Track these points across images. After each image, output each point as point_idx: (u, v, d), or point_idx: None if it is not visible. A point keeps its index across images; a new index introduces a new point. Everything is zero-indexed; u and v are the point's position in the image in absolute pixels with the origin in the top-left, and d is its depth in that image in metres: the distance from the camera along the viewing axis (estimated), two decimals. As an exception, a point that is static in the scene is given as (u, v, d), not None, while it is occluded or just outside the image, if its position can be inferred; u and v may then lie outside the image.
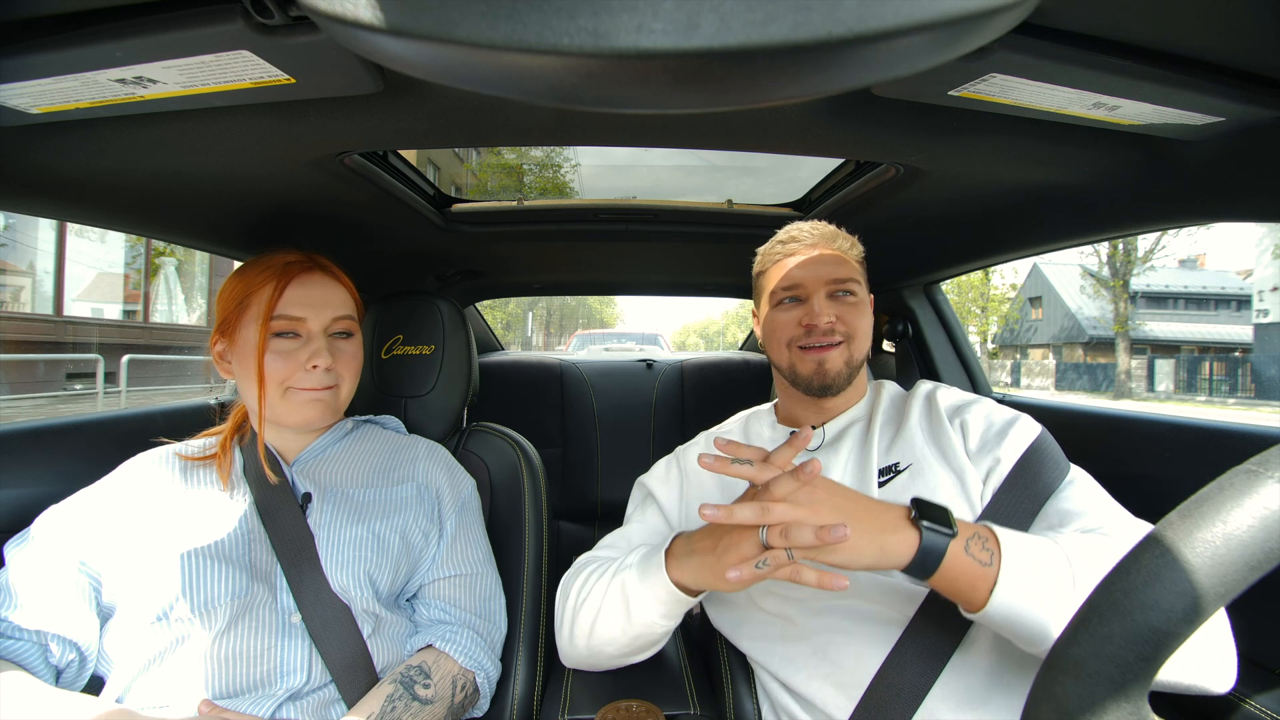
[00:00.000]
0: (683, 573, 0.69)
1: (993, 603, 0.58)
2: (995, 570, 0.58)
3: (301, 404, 0.79)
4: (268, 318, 0.76)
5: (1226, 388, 18.67)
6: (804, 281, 0.85)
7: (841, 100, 0.62)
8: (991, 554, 0.59)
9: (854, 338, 0.84)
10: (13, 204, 0.78)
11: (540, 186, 2.07)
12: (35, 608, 0.66)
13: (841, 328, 0.83)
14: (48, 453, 0.89)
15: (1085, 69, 0.50)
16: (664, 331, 12.93)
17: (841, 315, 0.83)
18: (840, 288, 0.85)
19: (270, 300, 0.77)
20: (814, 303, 0.84)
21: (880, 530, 0.60)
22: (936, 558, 0.58)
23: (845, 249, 0.87)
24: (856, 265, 0.87)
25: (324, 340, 0.80)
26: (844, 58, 0.23)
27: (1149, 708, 0.30)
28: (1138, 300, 23.81)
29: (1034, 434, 0.76)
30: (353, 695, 0.72)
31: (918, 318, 1.59)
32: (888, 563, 0.60)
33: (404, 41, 0.23)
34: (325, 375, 0.79)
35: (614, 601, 0.74)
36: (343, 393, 0.84)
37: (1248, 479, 0.31)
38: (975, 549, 0.59)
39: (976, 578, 0.58)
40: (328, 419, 0.83)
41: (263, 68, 0.49)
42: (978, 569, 0.58)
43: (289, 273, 0.79)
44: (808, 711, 0.76)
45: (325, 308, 0.80)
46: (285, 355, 0.78)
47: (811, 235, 0.88)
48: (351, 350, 0.84)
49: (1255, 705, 0.71)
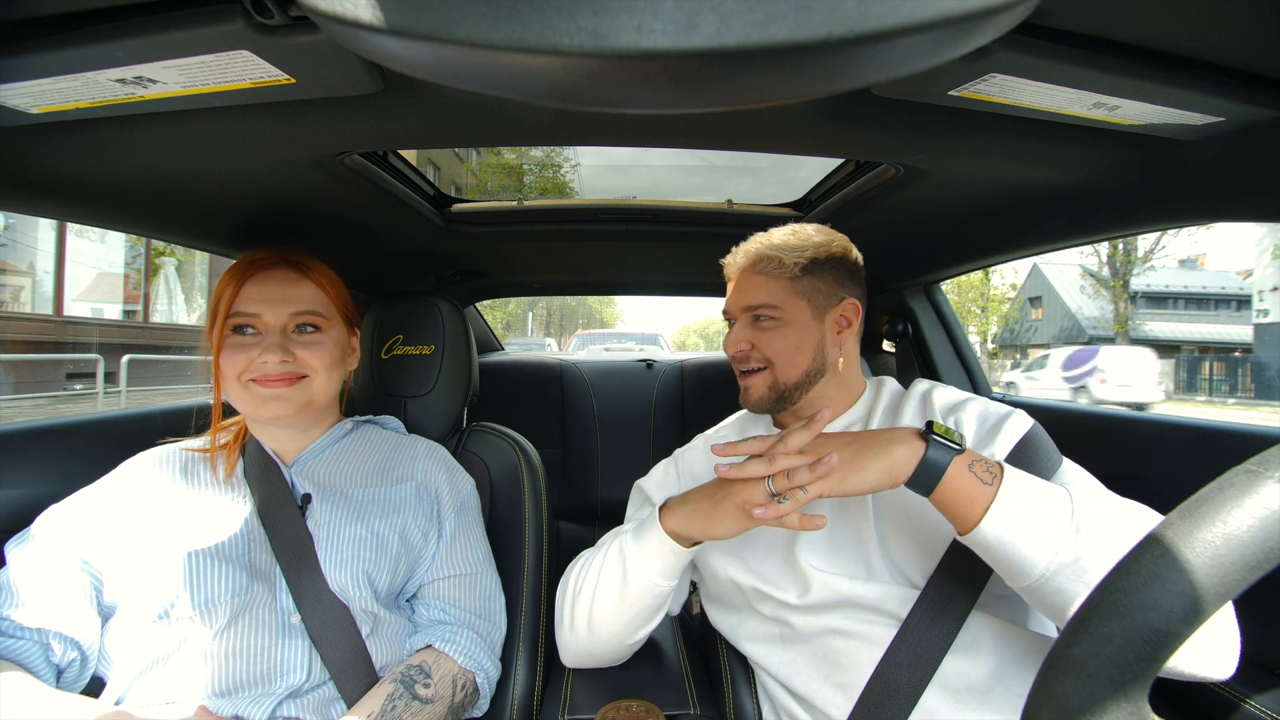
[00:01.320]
0: (676, 521, 0.74)
1: (986, 521, 0.60)
2: (994, 490, 0.60)
3: (265, 399, 0.78)
4: (225, 315, 0.77)
5: (1226, 388, 18.66)
6: (729, 307, 0.88)
7: (841, 100, 0.62)
8: (994, 476, 0.61)
9: (775, 363, 0.82)
10: (13, 204, 0.78)
11: (540, 186, 2.07)
12: (36, 606, 0.66)
13: (757, 354, 0.83)
14: (48, 453, 0.89)
15: (1085, 69, 0.50)
16: (664, 331, 12.94)
17: (759, 342, 0.82)
18: (757, 313, 0.83)
19: (229, 299, 0.77)
20: (733, 330, 0.86)
21: (887, 444, 0.65)
22: (939, 470, 0.62)
23: (770, 269, 0.82)
24: (786, 284, 0.81)
25: (279, 336, 0.78)
26: (844, 58, 0.23)
27: (1149, 708, 0.31)
28: (1138, 300, 23.79)
29: (1026, 427, 0.76)
30: (352, 694, 0.72)
31: (918, 318, 1.59)
32: (896, 473, 0.64)
33: (404, 41, 0.23)
34: (283, 367, 0.77)
35: (612, 567, 0.77)
36: (315, 387, 0.81)
37: (1248, 479, 0.31)
38: (979, 469, 0.62)
39: (975, 495, 0.61)
40: (304, 412, 0.81)
41: (263, 68, 0.49)
42: (978, 486, 0.61)
43: (248, 272, 0.79)
44: (808, 711, 0.76)
45: (283, 304, 0.79)
46: (239, 349, 0.77)
47: (742, 256, 0.86)
48: (322, 341, 0.81)
49: (1255, 705, 0.71)
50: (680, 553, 0.74)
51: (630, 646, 0.84)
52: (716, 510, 0.70)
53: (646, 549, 0.75)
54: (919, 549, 0.74)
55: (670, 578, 0.76)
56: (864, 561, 0.76)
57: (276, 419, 0.80)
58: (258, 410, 0.79)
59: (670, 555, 0.74)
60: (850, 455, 0.65)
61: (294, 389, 0.79)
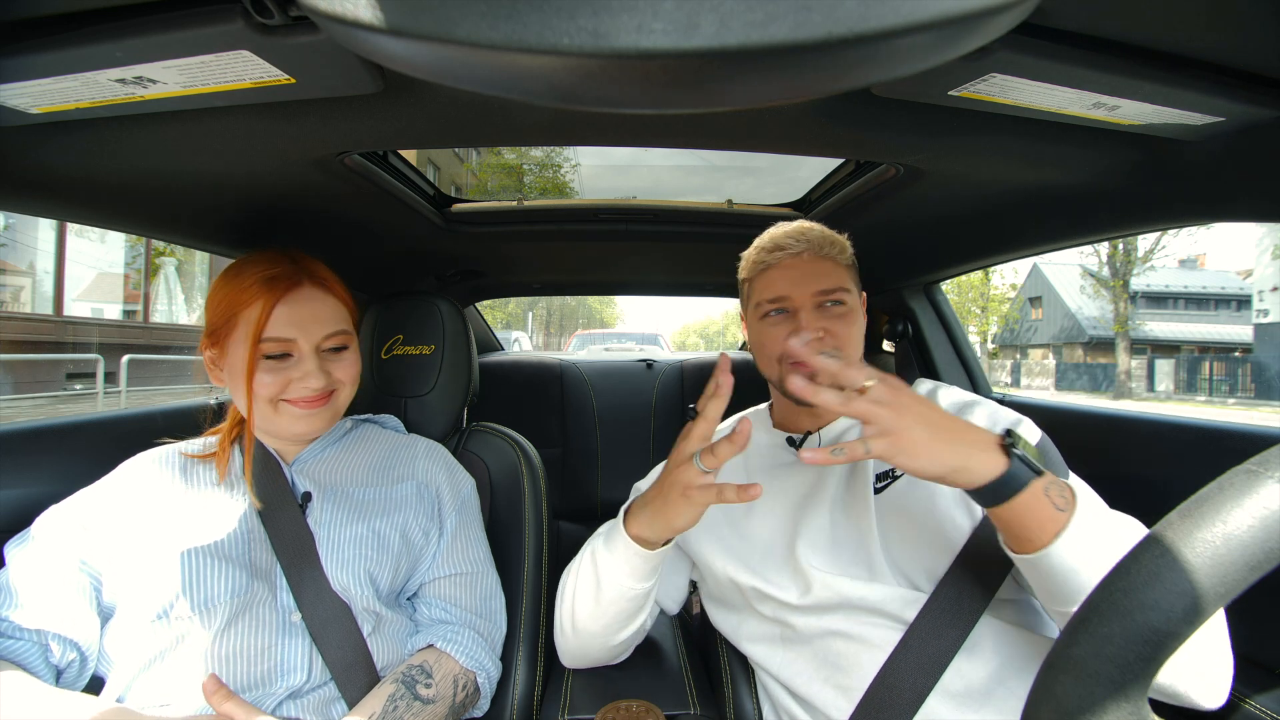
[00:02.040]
0: (639, 526, 0.73)
1: (1054, 547, 0.58)
2: (1068, 517, 0.58)
3: (295, 418, 0.78)
4: (256, 339, 0.74)
5: (1226, 388, 18.65)
6: (790, 294, 0.81)
7: (841, 100, 0.62)
8: (1068, 502, 0.59)
9: (844, 349, 0.80)
10: (13, 204, 0.78)
11: (540, 186, 2.07)
12: (36, 607, 0.66)
13: (831, 341, 0.79)
14: (48, 453, 0.89)
15: (1085, 69, 0.50)
16: (664, 331, 12.93)
17: (830, 328, 0.80)
18: (828, 298, 0.81)
19: (259, 321, 0.74)
20: (802, 317, 0.80)
21: (967, 444, 0.60)
22: (1016, 488, 0.58)
23: (835, 254, 0.83)
24: (846, 270, 0.83)
25: (315, 360, 0.78)
26: (844, 58, 0.23)
27: (1149, 708, 0.30)
28: (1138, 300, 23.79)
29: (1035, 437, 0.76)
30: (353, 694, 0.72)
31: (918, 318, 1.59)
32: (965, 477, 0.59)
33: (404, 41, 0.23)
34: (316, 390, 0.78)
35: (586, 572, 0.78)
36: (341, 398, 0.83)
37: (1248, 479, 0.31)
38: (1054, 494, 0.59)
39: (1047, 519, 0.58)
40: (329, 425, 0.83)
41: (263, 68, 0.49)
42: (1052, 511, 0.58)
43: (276, 290, 0.76)
44: (808, 712, 0.76)
45: (315, 324, 0.78)
46: (275, 373, 0.76)
47: (798, 243, 0.82)
48: (349, 359, 0.83)
49: (1255, 705, 0.71)
50: (646, 556, 0.73)
51: (620, 645, 0.84)
52: (667, 505, 0.69)
53: (615, 554, 0.74)
54: (923, 550, 0.74)
55: (642, 580, 0.75)
56: (866, 562, 0.76)
57: (302, 435, 0.81)
58: (287, 428, 0.79)
59: (637, 559, 0.73)
60: (926, 434, 0.59)
61: (325, 406, 0.80)
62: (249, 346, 0.75)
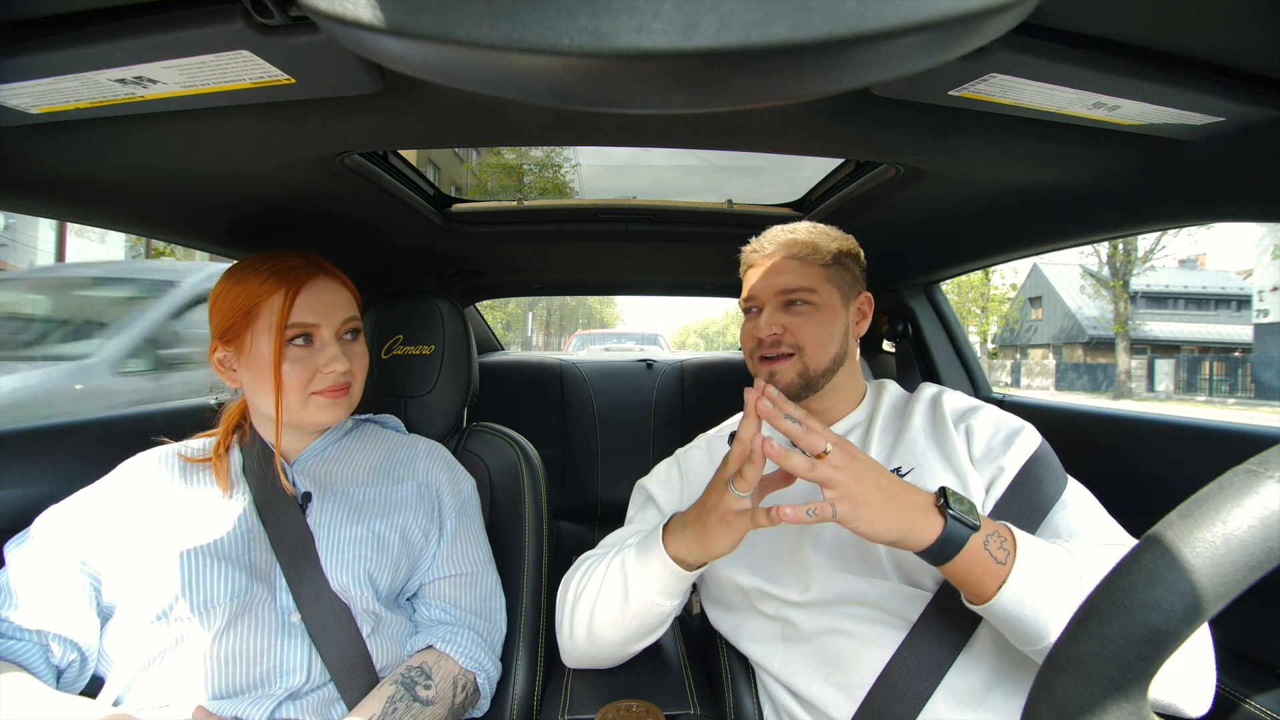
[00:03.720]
0: (678, 546, 0.72)
1: (998, 598, 0.59)
2: (1008, 569, 0.60)
3: (322, 407, 0.80)
4: (281, 327, 0.76)
5: (1226, 388, 18.66)
6: (757, 293, 0.86)
7: (841, 100, 0.62)
8: (1008, 554, 0.60)
9: (805, 349, 0.82)
10: (13, 204, 0.78)
11: (540, 186, 2.07)
12: (35, 608, 0.66)
13: (790, 339, 0.82)
14: (48, 453, 0.89)
15: (1085, 69, 0.50)
16: (664, 331, 12.93)
17: (791, 326, 0.82)
18: (791, 298, 0.83)
19: (283, 310, 0.76)
20: (764, 314, 0.84)
21: (911, 507, 0.62)
22: (955, 547, 0.60)
23: (805, 255, 0.84)
24: (819, 270, 0.84)
25: (337, 344, 0.80)
26: (844, 58, 0.23)
27: (1149, 708, 0.30)
28: (1138, 300, 23.79)
29: (1036, 444, 0.76)
30: (352, 695, 0.72)
31: (918, 318, 1.59)
32: (909, 543, 0.61)
33: (404, 41, 0.23)
34: (342, 376, 0.80)
35: (613, 581, 0.76)
36: (354, 391, 0.84)
37: (1248, 479, 0.31)
38: (993, 546, 0.61)
39: (988, 573, 0.60)
40: (346, 415, 0.84)
41: (263, 68, 0.49)
42: (992, 565, 0.60)
43: (297, 280, 0.78)
44: (808, 712, 0.76)
45: (334, 310, 0.81)
46: (302, 362, 0.78)
47: (771, 244, 0.87)
48: (361, 349, 0.86)
49: (1255, 705, 0.71)
50: (683, 575, 0.73)
51: (631, 653, 0.84)
52: (706, 530, 0.69)
53: (649, 569, 0.73)
54: None
55: (672, 598, 0.75)
56: (869, 558, 0.76)
57: (325, 424, 0.83)
58: (313, 418, 0.80)
59: (672, 578, 0.73)
60: (880, 498, 0.61)
61: (346, 396, 0.82)
62: (274, 334, 0.76)
